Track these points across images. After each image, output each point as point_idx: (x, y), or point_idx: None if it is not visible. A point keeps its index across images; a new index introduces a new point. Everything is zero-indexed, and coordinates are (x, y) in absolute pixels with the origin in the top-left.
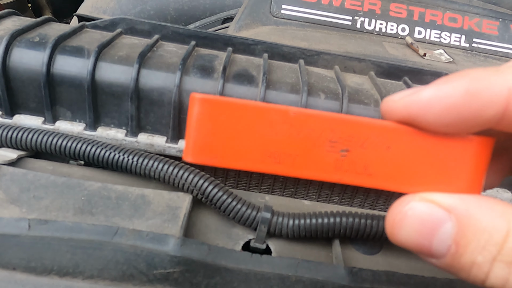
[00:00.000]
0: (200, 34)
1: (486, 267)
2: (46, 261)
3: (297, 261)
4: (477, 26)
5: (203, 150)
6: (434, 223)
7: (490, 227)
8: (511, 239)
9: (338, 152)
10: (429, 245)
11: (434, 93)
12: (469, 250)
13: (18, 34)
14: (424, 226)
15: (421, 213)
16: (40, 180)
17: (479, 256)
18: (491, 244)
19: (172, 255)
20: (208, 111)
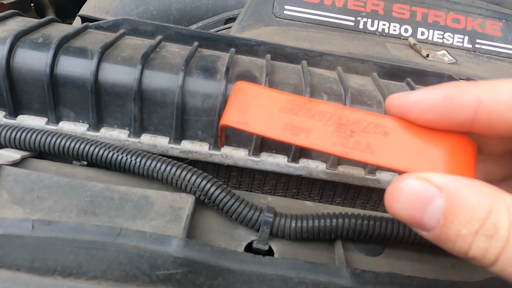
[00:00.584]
0: (203, 35)
1: (469, 239)
2: (49, 262)
3: (299, 263)
4: (480, 27)
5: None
6: (427, 198)
7: (476, 204)
8: (493, 216)
9: (345, 132)
10: (421, 217)
11: (421, 95)
12: (455, 223)
13: (22, 35)
14: (418, 200)
15: (415, 188)
16: (44, 180)
17: (463, 229)
18: (475, 219)
19: (175, 256)
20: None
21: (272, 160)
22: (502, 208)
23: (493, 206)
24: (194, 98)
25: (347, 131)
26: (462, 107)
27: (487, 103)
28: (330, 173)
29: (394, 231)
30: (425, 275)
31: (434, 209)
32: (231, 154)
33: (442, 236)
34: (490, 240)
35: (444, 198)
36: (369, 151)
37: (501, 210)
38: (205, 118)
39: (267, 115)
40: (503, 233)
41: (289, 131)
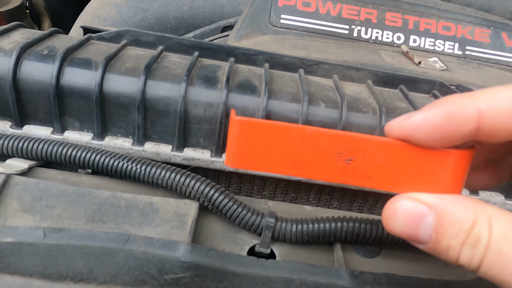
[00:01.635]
0: (203, 45)
1: (457, 249)
2: (61, 268)
3: (301, 265)
4: (469, 34)
5: (240, 158)
6: (419, 216)
7: (461, 218)
8: (476, 227)
9: (344, 161)
10: (416, 233)
11: (422, 117)
12: (446, 237)
13: (28, 47)
14: (411, 219)
15: (408, 208)
16: (52, 189)
17: (453, 241)
18: (461, 232)
19: (182, 261)
20: (243, 130)
21: None
22: (484, 219)
23: (476, 218)
24: (196, 107)
25: (346, 160)
26: (464, 121)
27: (487, 114)
28: None
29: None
30: (420, 275)
31: (427, 225)
32: None
33: (435, 249)
34: (474, 249)
35: (434, 215)
36: (366, 177)
37: (483, 221)
38: (207, 127)
39: (267, 152)
40: (484, 242)
41: (290, 165)
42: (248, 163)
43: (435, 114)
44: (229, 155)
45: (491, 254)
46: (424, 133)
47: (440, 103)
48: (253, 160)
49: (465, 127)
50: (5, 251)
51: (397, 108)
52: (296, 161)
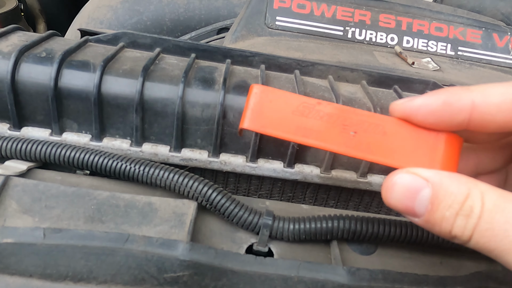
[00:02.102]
0: (199, 47)
1: (451, 219)
2: (61, 268)
3: (298, 263)
4: (461, 35)
5: (256, 121)
6: (416, 188)
7: (456, 191)
8: (469, 199)
9: (349, 133)
10: (412, 205)
11: (422, 101)
12: (440, 208)
13: (26, 50)
14: (409, 191)
15: (406, 181)
16: (51, 190)
17: (447, 212)
18: (455, 203)
19: (182, 259)
20: (262, 96)
21: (269, 165)
22: (476, 192)
23: (470, 191)
24: (193, 108)
25: (350, 132)
26: (458, 110)
27: (480, 106)
28: (324, 177)
29: (386, 231)
30: (415, 271)
31: (423, 198)
32: (230, 161)
33: (430, 220)
34: (467, 219)
35: (430, 188)
36: (368, 150)
37: (476, 194)
38: (204, 127)
39: (281, 118)
40: (476, 212)
41: (301, 132)
42: (262, 126)
43: (434, 100)
44: (246, 117)
45: (483, 223)
46: (423, 115)
47: (440, 92)
48: (267, 124)
49: (459, 115)
50: (5, 252)
51: None
52: (306, 129)
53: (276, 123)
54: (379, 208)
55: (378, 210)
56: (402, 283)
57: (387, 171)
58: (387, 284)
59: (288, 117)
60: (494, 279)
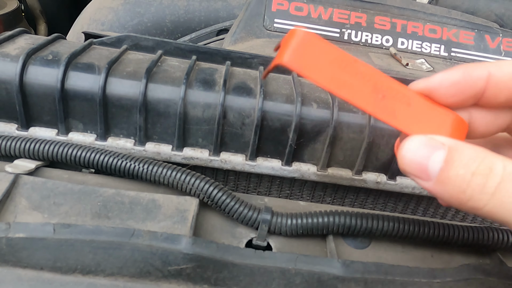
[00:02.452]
0: (200, 49)
1: (467, 177)
2: (70, 261)
3: (296, 256)
4: (455, 36)
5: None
6: (432, 148)
7: (472, 153)
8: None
9: (378, 94)
10: (426, 164)
11: (444, 75)
12: (455, 166)
13: (33, 53)
14: (424, 149)
15: (422, 141)
16: (59, 188)
17: (461, 170)
18: (472, 162)
19: (185, 253)
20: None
21: (268, 164)
22: (495, 156)
23: (487, 155)
24: (195, 108)
25: (379, 94)
26: (476, 79)
27: (495, 75)
28: (321, 175)
29: (379, 226)
30: (407, 264)
31: (437, 158)
32: (230, 159)
33: (443, 179)
34: (487, 177)
35: (446, 149)
36: (393, 115)
37: (495, 157)
38: (205, 127)
39: (319, 64)
40: (498, 172)
41: (335, 82)
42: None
43: (455, 73)
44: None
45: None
46: (445, 87)
47: (459, 66)
48: (305, 65)
49: (477, 85)
50: (17, 246)
51: None
52: (340, 81)
53: (314, 67)
54: (374, 204)
55: (373, 207)
56: (394, 275)
57: (381, 169)
58: (379, 275)
59: (326, 65)
60: (482, 271)
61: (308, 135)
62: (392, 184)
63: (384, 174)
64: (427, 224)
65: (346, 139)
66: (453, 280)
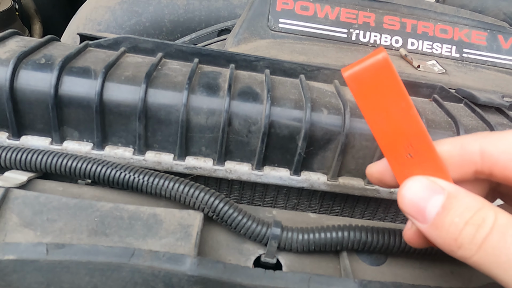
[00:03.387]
0: (202, 52)
1: (460, 225)
2: (65, 285)
3: (308, 276)
4: (466, 36)
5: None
6: (432, 191)
7: (469, 202)
8: (482, 211)
9: (408, 154)
10: (424, 206)
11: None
12: (451, 213)
13: (24, 56)
14: (424, 192)
15: (424, 183)
16: (52, 202)
17: (456, 218)
18: (467, 211)
19: (189, 275)
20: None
21: (275, 173)
22: (490, 208)
23: (483, 206)
24: (198, 115)
25: (409, 153)
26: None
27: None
28: (331, 185)
29: (397, 242)
30: (426, 282)
31: (436, 202)
32: (235, 169)
33: (438, 224)
34: (478, 228)
35: (445, 195)
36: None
37: (489, 209)
38: (209, 135)
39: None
40: (489, 224)
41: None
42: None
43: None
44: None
45: (495, 234)
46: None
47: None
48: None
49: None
50: (7, 269)
51: None
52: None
53: (369, 96)
54: (385, 214)
55: (384, 217)
56: None
57: None
58: None
59: (379, 101)
60: None
61: (318, 143)
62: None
63: None
64: None
65: (358, 147)
66: None
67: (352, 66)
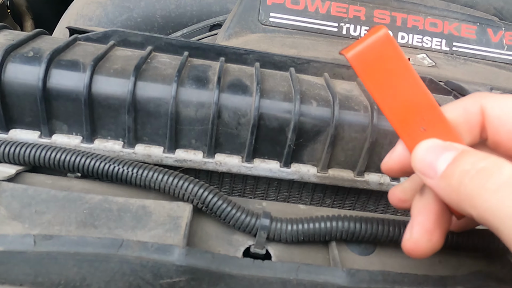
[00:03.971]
0: (192, 45)
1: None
2: (53, 276)
3: (297, 265)
4: (456, 30)
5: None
6: (444, 149)
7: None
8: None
9: (420, 126)
10: (436, 160)
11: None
12: (462, 162)
13: (12, 49)
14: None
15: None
16: (41, 195)
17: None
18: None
19: (178, 265)
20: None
21: (265, 165)
22: (503, 160)
23: (499, 159)
24: (187, 108)
25: (422, 127)
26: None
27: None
28: (321, 176)
29: (385, 231)
30: (414, 271)
31: (448, 156)
32: (225, 161)
33: (447, 174)
34: (492, 174)
35: (458, 151)
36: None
37: (502, 161)
38: (199, 127)
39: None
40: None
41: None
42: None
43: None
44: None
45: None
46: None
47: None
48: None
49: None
50: None
51: None
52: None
53: (375, 74)
54: (375, 206)
55: (374, 209)
56: (402, 284)
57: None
58: (387, 285)
59: (389, 77)
60: (494, 278)
61: (308, 135)
62: (395, 185)
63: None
64: None
65: (347, 138)
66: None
67: (353, 46)
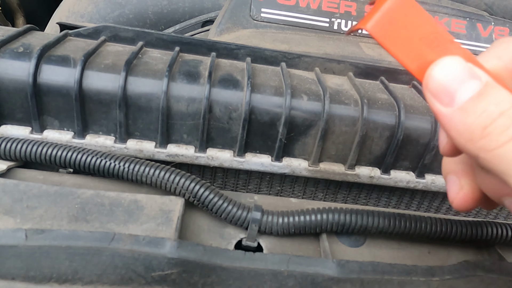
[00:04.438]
0: (183, 40)
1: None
2: (45, 270)
3: (288, 257)
4: (446, 25)
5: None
6: (469, 75)
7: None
8: None
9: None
10: (456, 88)
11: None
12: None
13: (2, 45)
14: (461, 72)
15: (463, 64)
16: (32, 190)
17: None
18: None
19: (169, 257)
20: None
21: (257, 160)
22: None
23: None
24: (178, 102)
25: None
26: None
27: None
28: (312, 170)
29: (375, 223)
30: (404, 262)
31: (472, 86)
32: (217, 155)
33: (468, 108)
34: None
35: (482, 83)
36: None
37: None
38: (190, 122)
39: (406, 37)
40: None
41: (417, 64)
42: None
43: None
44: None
45: None
46: None
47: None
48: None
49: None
50: None
51: (378, 100)
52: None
53: (399, 40)
54: (367, 199)
55: (366, 202)
56: (391, 274)
57: (375, 163)
58: (376, 275)
59: (414, 40)
60: (482, 268)
61: (299, 129)
62: (386, 178)
63: (378, 168)
64: (423, 220)
65: (338, 132)
66: (452, 278)
67: (370, 17)
